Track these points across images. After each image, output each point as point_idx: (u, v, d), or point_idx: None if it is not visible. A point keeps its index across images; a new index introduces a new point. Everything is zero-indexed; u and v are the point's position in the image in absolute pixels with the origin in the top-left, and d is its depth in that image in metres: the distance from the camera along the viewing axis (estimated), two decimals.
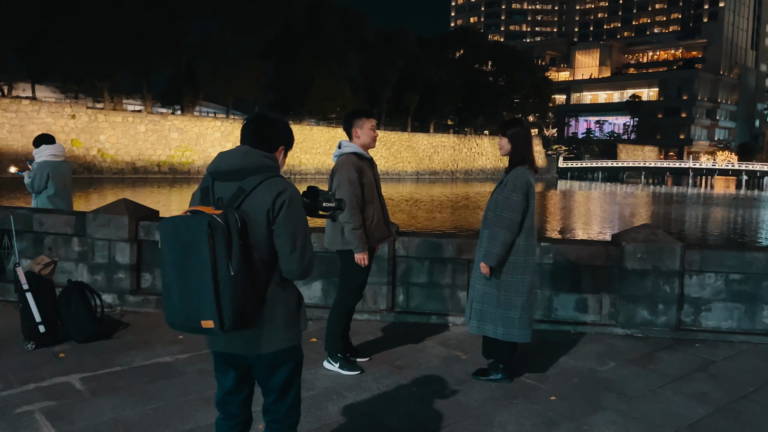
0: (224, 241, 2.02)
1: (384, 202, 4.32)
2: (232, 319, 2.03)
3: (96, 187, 34.93)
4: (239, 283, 2.04)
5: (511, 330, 3.98)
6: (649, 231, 5.28)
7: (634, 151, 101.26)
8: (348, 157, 4.12)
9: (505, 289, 3.97)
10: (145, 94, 48.41)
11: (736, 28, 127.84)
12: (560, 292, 5.40)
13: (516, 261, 3.94)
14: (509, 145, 4.00)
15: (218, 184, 2.23)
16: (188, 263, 2.04)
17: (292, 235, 2.19)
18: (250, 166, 2.20)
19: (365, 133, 4.18)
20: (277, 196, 2.17)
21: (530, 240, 3.97)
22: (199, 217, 2.05)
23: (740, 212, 32.93)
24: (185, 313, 2.08)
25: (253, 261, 2.13)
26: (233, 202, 2.15)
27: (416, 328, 5.31)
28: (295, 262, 2.21)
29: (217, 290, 2.01)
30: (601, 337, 5.15)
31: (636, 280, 5.17)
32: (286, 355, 2.30)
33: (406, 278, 5.56)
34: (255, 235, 2.14)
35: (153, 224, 5.76)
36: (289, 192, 2.20)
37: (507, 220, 3.86)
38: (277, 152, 2.37)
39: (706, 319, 5.24)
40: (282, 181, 2.23)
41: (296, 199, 2.23)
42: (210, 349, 2.37)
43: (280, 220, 2.17)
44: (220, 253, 2.01)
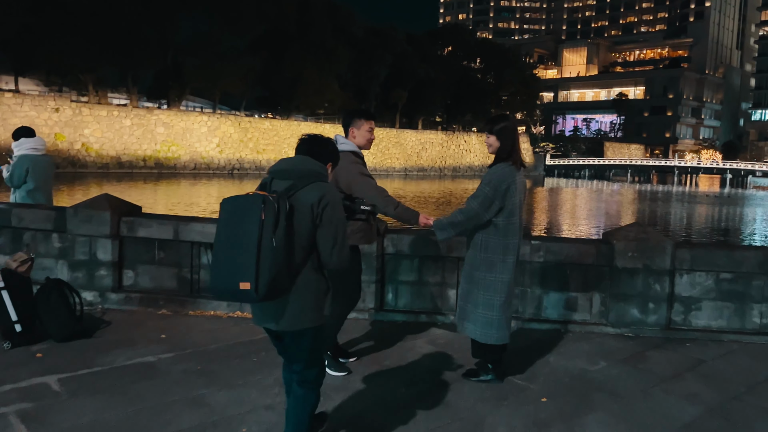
0: (273, 217, 2.39)
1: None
2: (266, 285, 2.37)
3: (80, 181, 34.47)
4: (278, 255, 2.39)
5: (489, 330, 3.89)
6: (639, 229, 5.24)
7: (621, 149, 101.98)
8: (346, 155, 4.00)
9: (484, 288, 3.88)
10: (130, 88, 47.85)
11: (722, 27, 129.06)
12: (550, 290, 5.34)
13: (494, 259, 3.85)
14: (498, 142, 3.88)
15: (276, 181, 2.61)
16: (239, 231, 2.40)
17: (334, 232, 2.60)
18: (305, 169, 2.64)
19: (362, 134, 4.12)
20: (322, 197, 2.56)
21: (509, 239, 3.85)
22: (256, 195, 2.45)
23: (725, 210, 33.24)
24: (228, 276, 2.40)
25: (293, 242, 2.48)
26: (286, 192, 2.52)
27: (405, 327, 5.23)
28: (336, 255, 2.61)
29: (259, 257, 2.35)
30: (592, 336, 5.10)
31: (626, 279, 5.12)
32: (311, 333, 2.67)
33: (395, 276, 5.48)
34: (299, 223, 2.51)
35: (136, 220, 5.63)
36: (332, 195, 2.63)
37: (471, 210, 3.80)
38: (327, 167, 2.80)
39: (697, 318, 5.21)
40: (329, 186, 2.66)
41: (338, 202, 2.66)
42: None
43: (325, 219, 2.56)
44: (268, 227, 2.37)
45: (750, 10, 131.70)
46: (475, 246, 3.92)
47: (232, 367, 4.19)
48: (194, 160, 48.34)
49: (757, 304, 5.14)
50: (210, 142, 49.49)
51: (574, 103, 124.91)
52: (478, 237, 3.91)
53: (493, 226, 3.84)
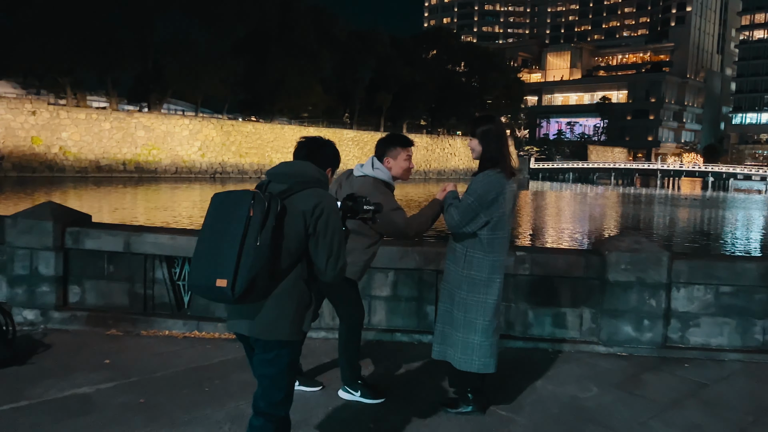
0: (261, 215, 2.25)
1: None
2: (243, 285, 2.21)
3: (55, 186, 33.65)
4: (261, 255, 2.24)
5: (470, 357, 3.40)
6: (632, 239, 4.83)
7: (604, 152, 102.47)
8: (377, 183, 3.58)
9: (465, 309, 3.40)
10: (110, 90, 46.93)
11: (703, 32, 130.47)
12: (536, 306, 4.91)
13: (479, 278, 3.37)
14: (480, 146, 3.42)
15: (273, 184, 2.46)
16: (224, 226, 2.28)
17: (329, 243, 2.42)
18: (303, 173, 2.49)
19: (399, 164, 3.66)
20: (317, 204, 2.40)
21: (496, 255, 3.39)
22: (247, 190, 2.33)
23: (713, 213, 33.22)
24: (206, 272, 2.26)
25: (279, 245, 2.32)
26: (281, 194, 2.38)
27: (378, 348, 4.77)
28: (332, 265, 2.43)
29: (240, 254, 2.22)
30: (582, 357, 4.68)
31: (619, 293, 4.71)
32: (284, 348, 2.43)
33: (367, 291, 5.01)
34: (289, 226, 2.35)
35: (82, 231, 5.11)
36: (329, 203, 2.44)
37: (450, 220, 3.37)
38: (326, 172, 2.64)
39: (695, 335, 4.81)
40: (326, 194, 2.48)
41: (335, 209, 2.47)
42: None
43: (320, 228, 2.40)
44: (254, 224, 2.24)
45: (730, 14, 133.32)
46: (457, 261, 3.45)
47: (179, 399, 3.70)
48: (175, 164, 47.55)
49: (759, 319, 4.76)
50: (192, 145, 48.72)
51: (558, 106, 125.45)
52: (460, 251, 3.44)
53: (478, 240, 3.37)
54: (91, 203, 26.14)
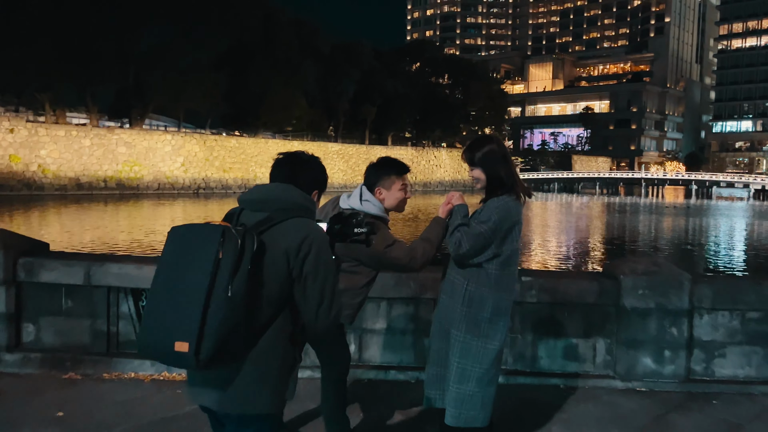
0: (233, 257, 1.79)
1: None
2: (211, 349, 1.74)
3: (33, 205, 32.79)
4: (234, 309, 1.78)
5: (461, 410, 2.83)
6: (649, 261, 4.39)
7: (588, 162, 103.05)
8: (371, 222, 3.01)
9: (461, 353, 2.82)
10: (90, 106, 46.15)
11: (682, 42, 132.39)
12: (545, 336, 4.44)
13: (480, 318, 2.79)
14: (484, 174, 2.85)
15: (246, 213, 2.03)
16: (185, 272, 1.80)
17: (320, 286, 1.98)
18: (285, 198, 2.03)
19: (393, 195, 3.11)
20: (304, 239, 1.95)
21: (504, 295, 2.84)
22: (214, 225, 1.85)
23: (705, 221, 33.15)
24: (161, 332, 1.79)
25: (257, 293, 1.87)
26: (257, 227, 1.93)
27: (371, 388, 4.26)
28: (324, 314, 2.01)
29: (206, 309, 1.75)
30: (598, 393, 4.21)
31: (637, 321, 4.25)
32: (264, 421, 1.99)
33: (358, 323, 4.51)
34: (269, 269, 1.90)
35: (36, 261, 4.55)
36: (318, 236, 2.01)
37: (461, 249, 2.76)
38: (312, 196, 2.18)
39: (721, 366, 4.36)
40: (313, 225, 2.05)
41: (325, 245, 2.03)
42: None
43: (308, 269, 1.96)
44: (224, 270, 1.78)
45: (708, 24, 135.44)
46: (455, 295, 2.87)
47: None
48: (158, 180, 46.80)
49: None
50: (174, 161, 48.01)
51: (542, 117, 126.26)
52: (460, 284, 2.86)
53: (484, 274, 2.81)
54: (68, 222, 25.37)
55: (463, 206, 2.91)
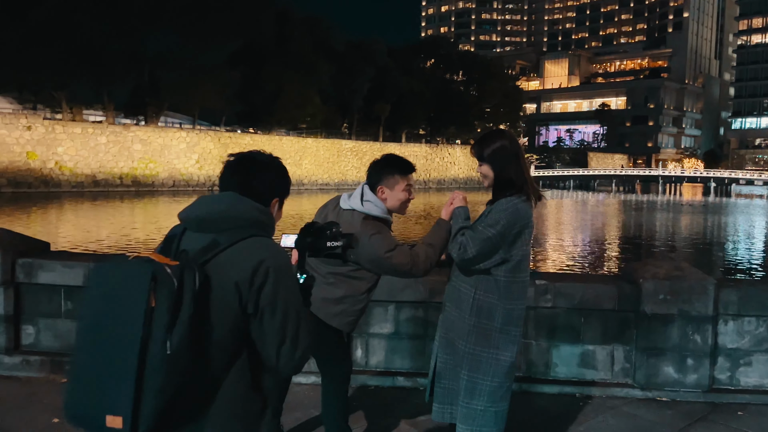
0: (170, 303, 1.43)
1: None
2: (152, 419, 1.41)
3: (50, 201, 33.10)
4: (176, 367, 1.43)
5: (473, 427, 2.64)
6: (672, 265, 4.17)
7: (605, 159, 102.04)
8: (368, 221, 2.86)
9: (470, 366, 2.62)
10: (106, 104, 46.52)
11: (700, 38, 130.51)
12: (561, 343, 4.24)
13: (489, 328, 2.59)
14: (492, 171, 2.65)
15: (189, 234, 1.66)
16: (111, 327, 1.44)
17: (282, 321, 1.61)
18: (236, 217, 1.64)
19: (395, 196, 2.93)
20: (258, 264, 1.58)
21: (515, 303, 2.63)
22: (142, 264, 1.46)
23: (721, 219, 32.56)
24: (89, 403, 1.44)
25: (205, 340, 1.52)
26: (200, 256, 1.57)
27: (377, 395, 4.10)
28: (287, 355, 1.64)
29: (141, 373, 1.41)
30: (616, 403, 4.00)
31: (658, 328, 4.04)
32: None
33: (364, 328, 4.34)
34: (217, 309, 1.54)
35: (35, 262, 4.44)
36: (275, 260, 1.62)
37: (466, 254, 2.56)
38: (271, 206, 1.77)
39: (746, 375, 4.14)
40: (271, 245, 1.67)
41: (286, 270, 1.65)
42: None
43: (264, 300, 1.58)
44: (159, 320, 1.42)
45: (728, 19, 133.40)
46: (461, 304, 2.66)
47: None
48: (173, 177, 47.07)
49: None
50: (189, 158, 48.27)
51: (557, 114, 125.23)
52: (466, 292, 2.65)
53: (493, 281, 2.61)
54: (83, 220, 25.52)
55: (464, 208, 2.72)
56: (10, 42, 38.28)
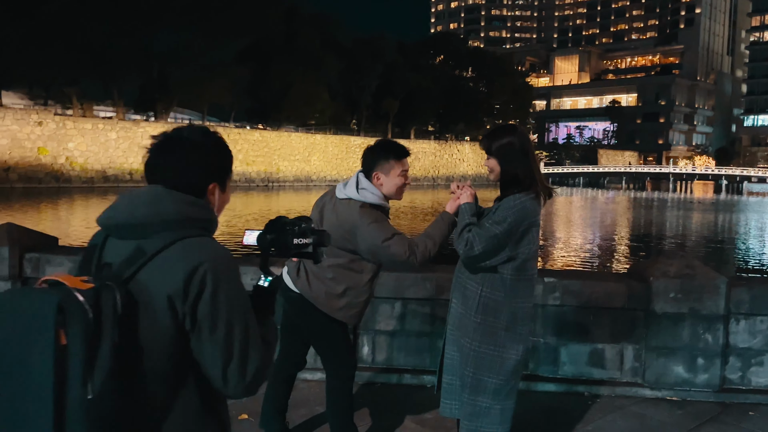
0: (84, 337, 1.15)
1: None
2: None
3: (64, 196, 33.35)
4: (103, 412, 1.17)
5: (476, 424, 2.62)
6: (683, 263, 4.11)
7: (615, 156, 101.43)
8: (365, 208, 2.84)
9: (475, 364, 2.58)
10: (116, 100, 46.78)
11: (712, 34, 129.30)
12: (569, 341, 4.20)
13: (496, 326, 2.56)
14: (499, 166, 2.62)
15: (112, 242, 1.38)
16: (16, 375, 1.16)
17: (226, 336, 1.33)
18: (161, 217, 1.35)
19: (391, 181, 2.90)
20: (193, 271, 1.30)
21: (522, 301, 2.60)
22: (45, 294, 1.18)
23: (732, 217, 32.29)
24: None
25: (138, 373, 1.25)
26: (123, 270, 1.30)
27: (383, 393, 4.07)
28: (237, 377, 1.35)
29: (59, 424, 1.14)
30: (625, 403, 3.96)
31: (668, 327, 3.99)
32: None
33: (371, 325, 4.32)
34: (149, 329, 1.27)
35: (43, 257, 4.45)
36: (213, 263, 1.33)
37: (472, 251, 2.52)
38: (208, 193, 1.47)
39: (758, 375, 4.08)
40: (207, 245, 1.36)
41: (229, 273, 1.36)
42: None
43: (202, 314, 1.31)
44: (75, 359, 1.14)
45: (740, 16, 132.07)
46: (468, 302, 2.62)
47: None
48: None
49: None
50: None
51: (567, 110, 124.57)
52: (473, 289, 2.61)
53: (499, 279, 2.57)
54: (94, 214, 25.66)
55: (471, 204, 2.68)
56: (21, 38, 38.55)
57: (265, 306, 1.51)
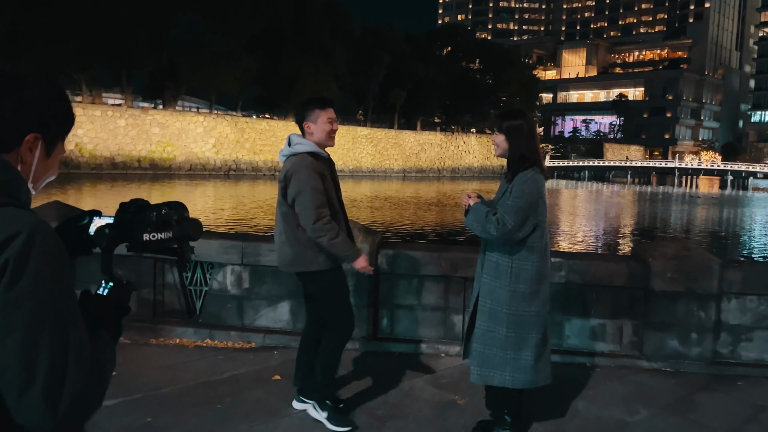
0: None
1: (345, 212, 3.44)
2: None
3: (74, 182, 33.72)
4: None
5: (525, 375, 3.07)
6: (680, 245, 4.45)
7: (620, 150, 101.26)
8: (303, 158, 3.22)
9: (515, 326, 3.04)
10: (125, 88, 47.07)
11: (721, 29, 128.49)
12: (573, 316, 4.55)
13: (527, 290, 3.02)
14: (506, 143, 3.06)
15: None
16: None
17: (23, 347, 0.95)
18: None
19: (319, 127, 3.28)
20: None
21: (543, 264, 3.06)
22: None
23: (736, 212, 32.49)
24: None
25: None
26: None
27: (402, 360, 4.43)
28: (37, 408, 0.96)
29: None
30: (624, 373, 4.31)
31: (665, 304, 4.33)
32: None
33: (391, 299, 4.68)
34: None
35: None
36: (23, 241, 0.96)
37: (505, 228, 2.92)
38: (23, 148, 1.08)
39: (747, 350, 4.42)
40: (15, 217, 0.99)
41: (40, 256, 0.97)
42: None
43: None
44: None
45: (749, 11, 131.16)
46: (500, 275, 3.05)
47: (188, 418, 3.39)
48: (190, 161, 47.62)
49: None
50: (206, 142, 48.77)
51: (574, 104, 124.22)
52: (504, 263, 3.03)
53: (527, 249, 3.01)
54: (101, 200, 26.08)
55: (480, 202, 3.11)
56: (33, 25, 38.83)
57: (102, 320, 1.14)
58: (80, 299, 1.12)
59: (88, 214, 1.21)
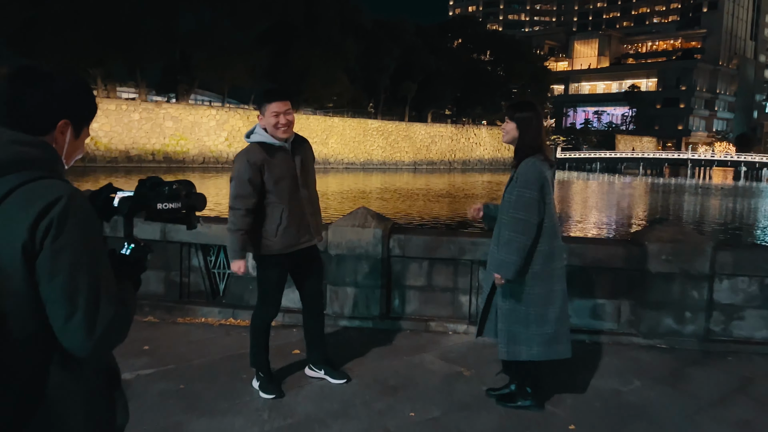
0: None
1: (312, 201, 3.64)
2: None
3: (90, 175, 34.31)
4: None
5: (550, 347, 3.39)
6: (675, 229, 4.71)
7: (633, 141, 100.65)
8: (248, 148, 3.51)
9: (535, 304, 3.34)
10: (139, 81, 47.60)
11: (736, 18, 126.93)
12: (574, 296, 4.80)
13: (542, 270, 3.32)
14: (516, 131, 3.35)
15: None
16: None
17: (67, 285, 1.20)
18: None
19: (265, 119, 3.48)
20: (39, 215, 1.18)
21: (554, 242, 3.36)
22: None
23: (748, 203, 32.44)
24: None
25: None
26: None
27: (413, 337, 4.74)
28: (79, 332, 1.21)
29: None
30: (621, 349, 4.59)
31: (660, 285, 4.60)
32: None
33: (402, 281, 4.98)
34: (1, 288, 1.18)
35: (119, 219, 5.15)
36: (63, 204, 1.20)
37: (522, 222, 3.23)
38: (56, 132, 1.33)
39: (738, 328, 4.68)
40: (55, 186, 1.23)
41: (76, 215, 1.22)
42: None
43: (43, 259, 1.18)
44: None
45: (764, 0, 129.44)
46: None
47: (217, 387, 3.72)
48: (203, 154, 48.13)
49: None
50: (218, 136, 49.24)
51: (585, 95, 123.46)
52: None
53: (543, 230, 3.31)
54: None
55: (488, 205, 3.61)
56: (52, 20, 39.36)
57: (126, 275, 1.41)
58: (108, 257, 1.36)
59: (107, 189, 1.49)
